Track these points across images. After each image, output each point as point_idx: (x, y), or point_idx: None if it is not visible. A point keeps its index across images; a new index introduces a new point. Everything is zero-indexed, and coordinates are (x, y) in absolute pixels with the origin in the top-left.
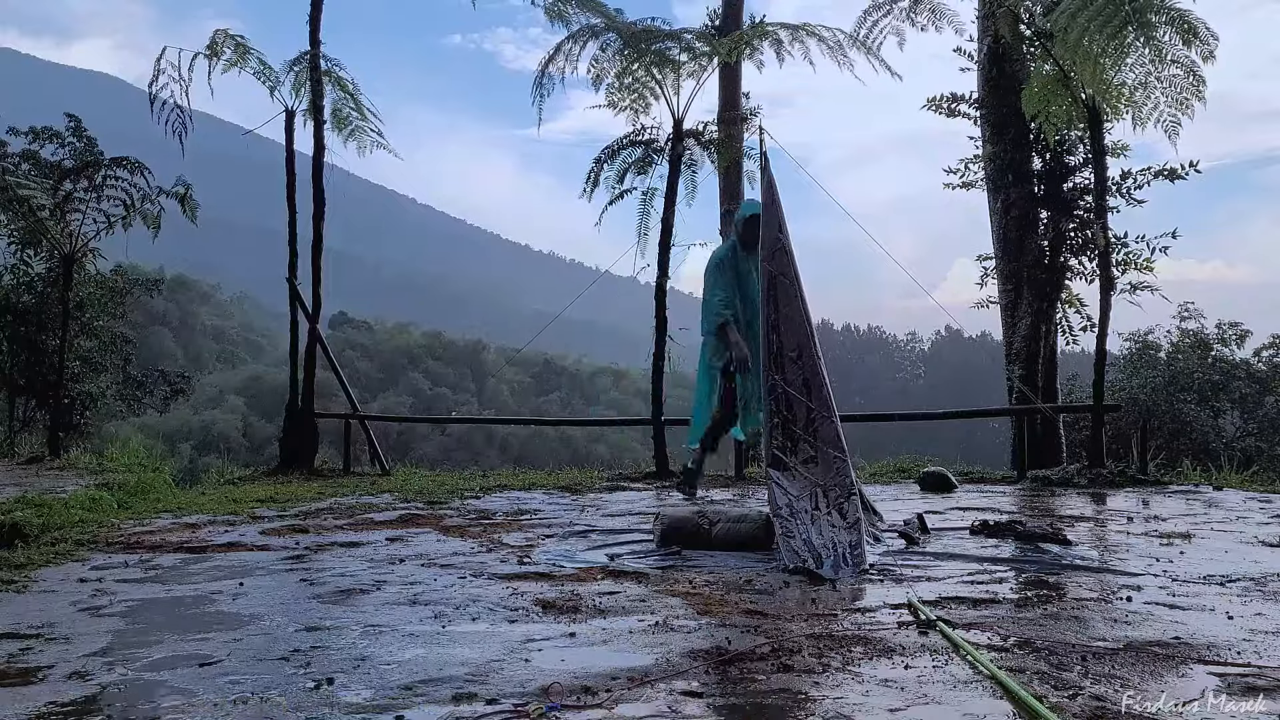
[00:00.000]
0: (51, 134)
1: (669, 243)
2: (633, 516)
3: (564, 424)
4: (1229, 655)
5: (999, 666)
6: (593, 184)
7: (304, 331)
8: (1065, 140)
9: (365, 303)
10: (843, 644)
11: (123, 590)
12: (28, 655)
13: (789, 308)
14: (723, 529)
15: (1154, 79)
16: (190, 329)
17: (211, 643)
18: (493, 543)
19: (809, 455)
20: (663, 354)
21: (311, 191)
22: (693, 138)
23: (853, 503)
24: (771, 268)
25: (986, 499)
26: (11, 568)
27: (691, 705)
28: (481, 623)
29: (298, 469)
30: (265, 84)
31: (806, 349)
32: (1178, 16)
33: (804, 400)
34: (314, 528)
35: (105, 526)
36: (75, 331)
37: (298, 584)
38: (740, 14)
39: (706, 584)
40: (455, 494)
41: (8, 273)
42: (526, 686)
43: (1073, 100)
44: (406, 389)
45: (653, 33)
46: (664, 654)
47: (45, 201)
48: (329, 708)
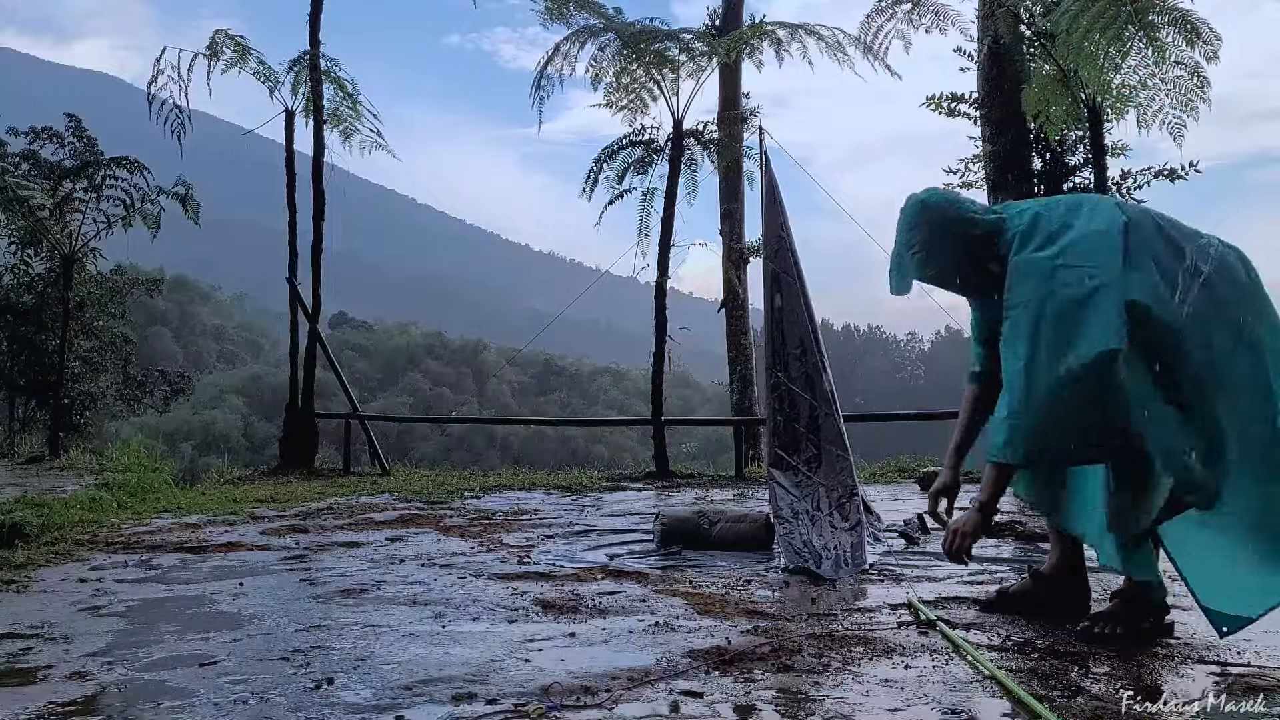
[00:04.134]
0: (51, 134)
1: (669, 243)
2: (633, 516)
3: (564, 424)
4: (1229, 655)
5: (999, 667)
6: (592, 184)
7: (304, 331)
8: (1065, 140)
9: (365, 303)
10: (843, 644)
11: (123, 590)
12: (28, 655)
13: (792, 304)
14: (723, 529)
15: (1157, 80)
16: (190, 329)
17: (211, 643)
18: (493, 543)
19: (811, 454)
20: (663, 354)
21: (311, 191)
22: (692, 138)
23: (854, 502)
24: (775, 265)
25: None
26: (11, 568)
27: (691, 705)
28: (481, 623)
29: (298, 469)
30: (265, 84)
31: (809, 346)
32: (1180, 17)
33: (807, 397)
34: (314, 528)
35: (105, 526)
36: (75, 331)
37: (298, 584)
38: (740, 14)
39: (706, 584)
40: (455, 494)
41: (8, 273)
42: (526, 686)
43: (1073, 100)
44: (406, 389)
45: (652, 33)
46: (664, 654)
47: (45, 201)
48: (329, 708)
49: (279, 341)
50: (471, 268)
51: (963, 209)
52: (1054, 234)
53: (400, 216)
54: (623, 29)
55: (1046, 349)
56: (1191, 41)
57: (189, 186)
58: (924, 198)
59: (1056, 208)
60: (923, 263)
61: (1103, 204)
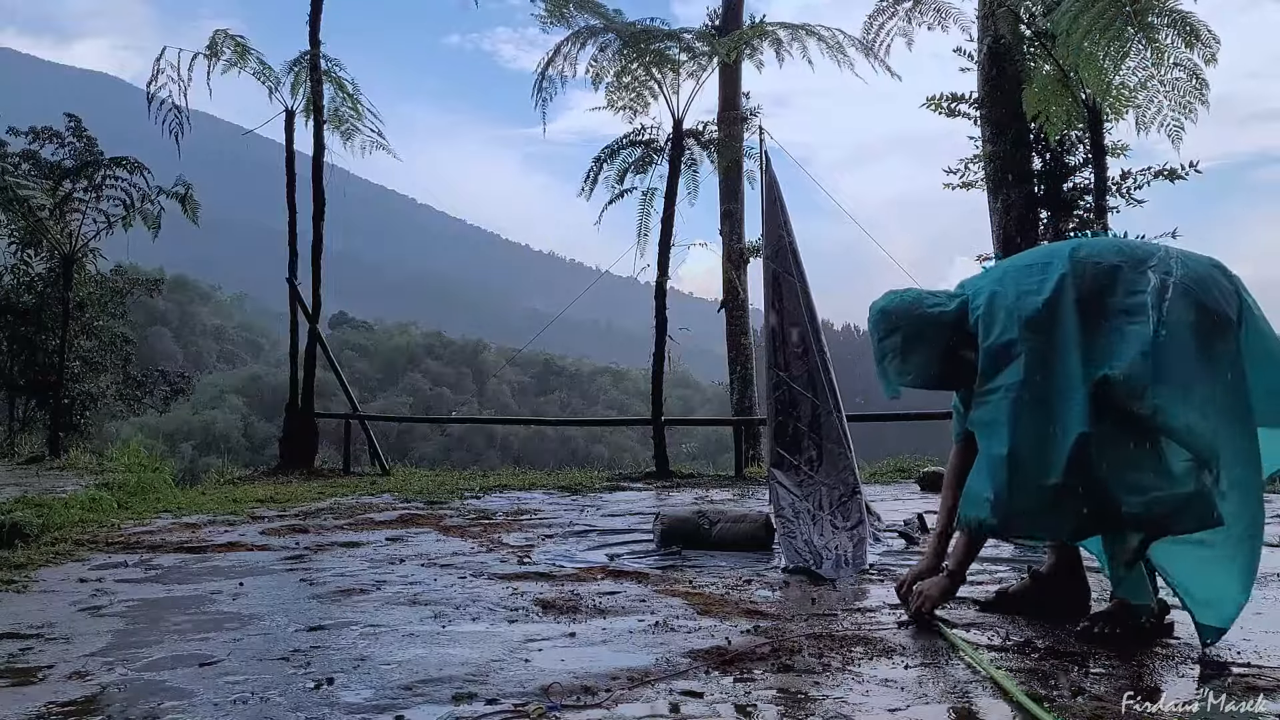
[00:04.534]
0: (51, 134)
1: (669, 243)
2: (633, 516)
3: (564, 424)
4: (1229, 655)
5: (998, 667)
6: (592, 184)
7: (304, 331)
8: (1065, 140)
9: (365, 303)
10: (843, 644)
11: (123, 590)
12: (28, 655)
13: (793, 304)
14: (723, 529)
15: (1156, 81)
16: (190, 329)
17: (211, 643)
18: (493, 543)
19: (813, 453)
20: (663, 354)
21: (311, 191)
22: (693, 138)
23: (856, 500)
24: (775, 265)
25: None
26: (11, 568)
27: (691, 705)
28: (481, 623)
29: (298, 469)
30: (265, 84)
31: (811, 345)
32: (1179, 19)
33: (809, 396)
34: (314, 528)
35: (105, 526)
36: (75, 331)
37: (298, 584)
38: (740, 14)
39: (706, 584)
40: (455, 494)
41: (8, 273)
42: (526, 686)
43: (1073, 100)
44: (406, 389)
45: (652, 33)
46: (664, 654)
47: (45, 201)
48: (329, 708)
49: (279, 341)
50: (471, 268)
51: (924, 306)
52: (1010, 310)
53: (400, 216)
54: (623, 29)
55: (1028, 436)
56: (1190, 43)
57: (189, 186)
58: (884, 305)
59: (1007, 283)
60: (901, 369)
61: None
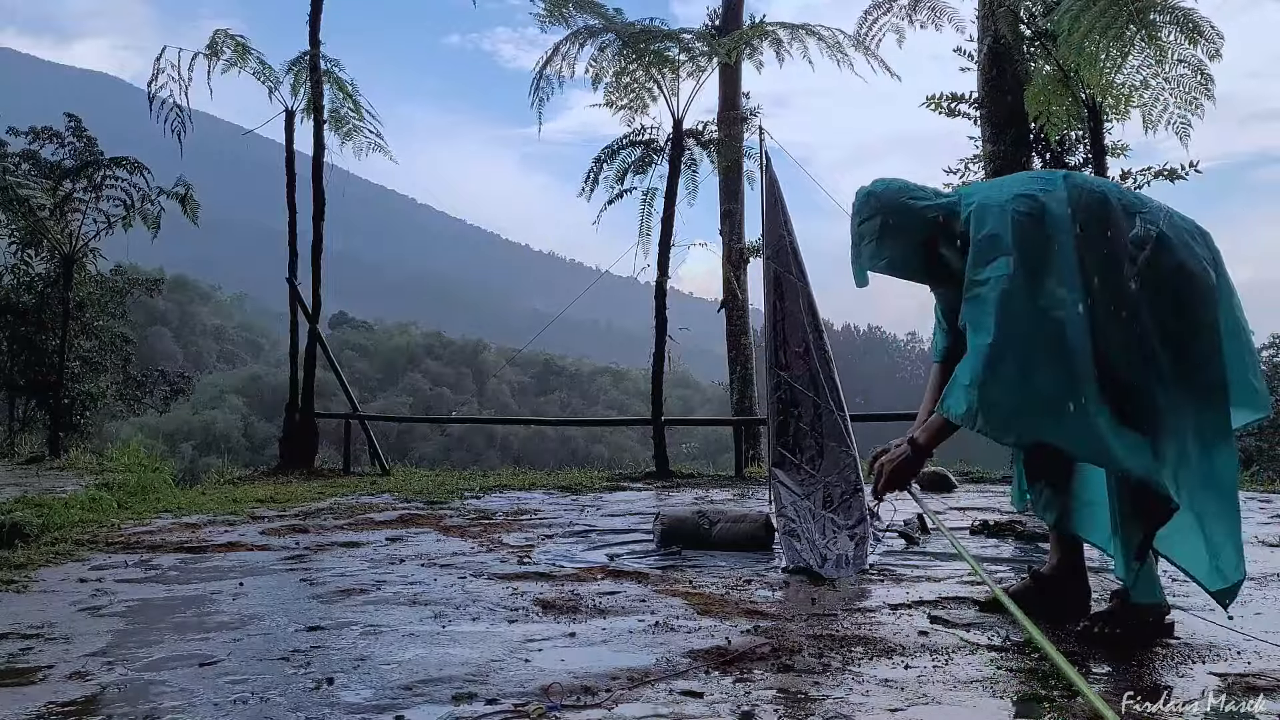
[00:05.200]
0: (51, 134)
1: (669, 242)
2: (633, 516)
3: (564, 424)
4: (1229, 655)
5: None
6: (592, 184)
7: (304, 332)
8: (1065, 140)
9: (365, 303)
10: (843, 644)
11: (123, 590)
12: (28, 655)
13: (794, 304)
14: (723, 529)
15: (1160, 79)
16: (190, 329)
17: (211, 643)
18: (493, 543)
19: (814, 452)
20: (663, 354)
21: (311, 191)
22: (692, 138)
23: (858, 499)
24: (776, 265)
25: (986, 499)
26: (11, 568)
27: (691, 705)
28: (481, 623)
29: (298, 469)
30: (265, 84)
31: (812, 344)
32: (1182, 16)
33: (810, 395)
34: (314, 528)
35: (105, 526)
36: (75, 331)
37: (298, 584)
38: (740, 14)
39: (706, 584)
40: (455, 494)
41: (8, 273)
42: (526, 686)
43: (1073, 100)
44: (406, 389)
45: (652, 33)
46: (664, 654)
47: (45, 201)
48: (329, 708)
49: (279, 341)
50: (471, 268)
51: (911, 197)
52: (1004, 206)
53: (400, 216)
54: (622, 29)
55: (1014, 329)
56: (1193, 40)
57: (189, 186)
58: (871, 188)
59: (1003, 188)
60: (875, 253)
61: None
